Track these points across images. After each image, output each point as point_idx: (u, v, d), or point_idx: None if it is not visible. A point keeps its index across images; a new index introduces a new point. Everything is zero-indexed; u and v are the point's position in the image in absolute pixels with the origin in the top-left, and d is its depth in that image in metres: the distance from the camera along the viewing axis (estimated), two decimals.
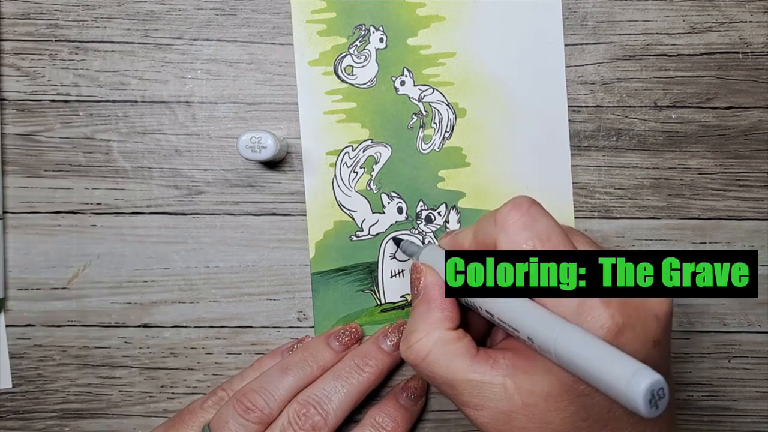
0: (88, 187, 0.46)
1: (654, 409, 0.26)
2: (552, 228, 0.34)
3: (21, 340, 0.46)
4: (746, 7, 0.46)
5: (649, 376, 0.26)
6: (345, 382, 0.42)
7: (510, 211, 0.34)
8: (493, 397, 0.33)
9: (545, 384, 0.32)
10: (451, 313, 0.36)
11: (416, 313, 0.37)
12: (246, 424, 0.40)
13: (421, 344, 0.35)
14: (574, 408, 0.32)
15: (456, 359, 0.34)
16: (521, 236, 0.33)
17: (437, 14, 0.46)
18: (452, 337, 0.35)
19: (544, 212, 0.34)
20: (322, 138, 0.46)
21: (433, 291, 0.37)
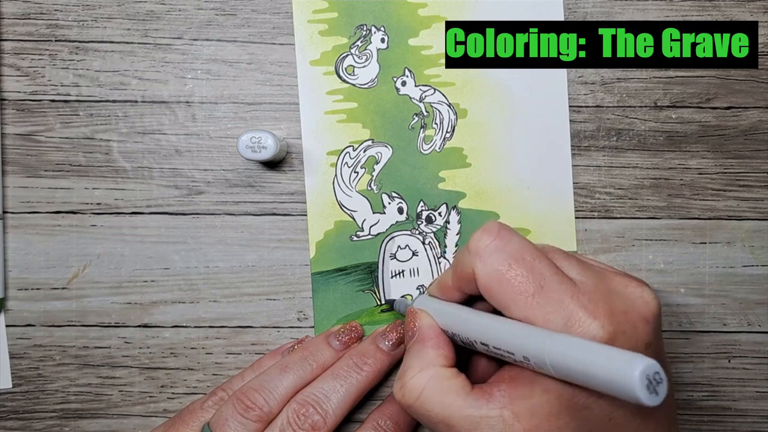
0: (88, 187, 0.46)
1: (654, 396, 0.26)
2: (524, 246, 0.34)
3: (21, 340, 0.46)
4: (746, 7, 0.46)
5: (642, 361, 0.26)
6: (344, 381, 0.42)
7: (481, 237, 0.34)
8: (492, 431, 0.33)
9: (545, 404, 0.32)
10: (446, 351, 0.36)
11: (410, 353, 0.37)
12: (246, 423, 0.40)
13: (415, 381, 0.35)
14: (576, 423, 0.32)
15: (451, 395, 0.34)
16: (495, 259, 0.33)
17: (438, 15, 0.46)
18: (447, 374, 0.35)
19: (514, 233, 0.35)
20: (323, 138, 0.46)
21: (427, 331, 0.37)
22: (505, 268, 0.33)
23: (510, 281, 0.33)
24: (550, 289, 0.32)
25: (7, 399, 0.46)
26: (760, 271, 0.46)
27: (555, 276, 0.33)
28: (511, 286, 0.33)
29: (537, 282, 0.32)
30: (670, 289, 0.46)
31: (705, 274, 0.46)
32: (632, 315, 0.32)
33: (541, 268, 0.33)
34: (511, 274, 0.33)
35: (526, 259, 0.33)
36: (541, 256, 0.34)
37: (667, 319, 0.46)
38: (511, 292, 0.33)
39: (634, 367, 0.26)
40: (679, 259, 0.46)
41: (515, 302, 0.32)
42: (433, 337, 0.37)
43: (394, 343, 0.44)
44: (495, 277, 0.33)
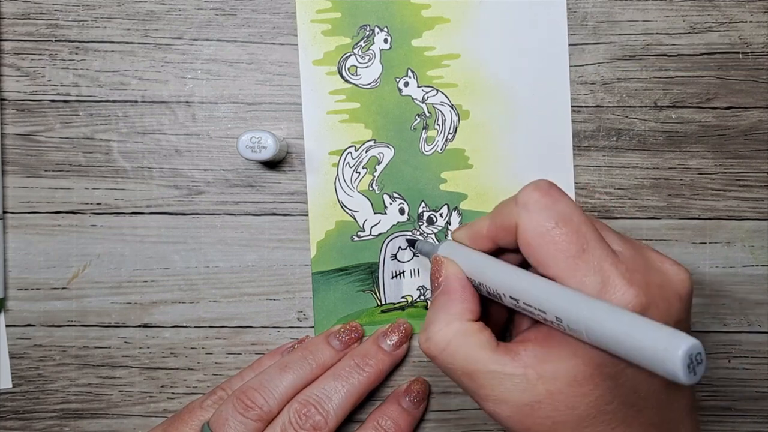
0: (88, 187, 0.46)
1: (692, 375, 0.26)
2: (573, 208, 0.34)
3: (21, 340, 0.46)
4: (746, 7, 0.46)
5: (686, 340, 0.26)
6: (345, 381, 0.41)
7: (532, 191, 0.34)
8: (515, 389, 0.32)
9: (570, 369, 0.32)
10: (472, 305, 0.36)
11: (436, 305, 0.37)
12: (245, 422, 0.40)
13: (441, 335, 0.35)
14: (599, 392, 0.31)
15: (476, 350, 0.34)
16: (542, 215, 0.33)
17: (442, 16, 0.46)
18: (473, 329, 0.35)
19: (564, 194, 0.34)
20: (325, 138, 0.46)
21: (453, 282, 0.37)
22: (551, 225, 0.33)
23: (553, 238, 0.33)
24: (591, 253, 0.32)
25: (7, 399, 0.46)
26: (760, 271, 0.46)
27: (598, 242, 0.33)
28: (554, 244, 0.32)
29: (580, 244, 0.32)
30: None
31: (705, 274, 0.46)
32: (667, 290, 0.33)
33: (586, 231, 0.33)
34: (555, 232, 0.33)
35: (573, 221, 0.33)
36: (588, 221, 0.33)
37: None
38: (553, 249, 0.32)
39: (678, 345, 0.26)
40: (679, 259, 0.46)
41: (555, 260, 0.32)
42: (459, 289, 0.37)
43: (395, 344, 0.44)
44: (539, 231, 0.33)
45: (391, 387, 0.46)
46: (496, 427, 0.46)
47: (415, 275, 0.46)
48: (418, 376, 0.46)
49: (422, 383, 0.45)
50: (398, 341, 0.44)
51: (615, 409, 0.32)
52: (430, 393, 0.46)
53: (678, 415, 0.34)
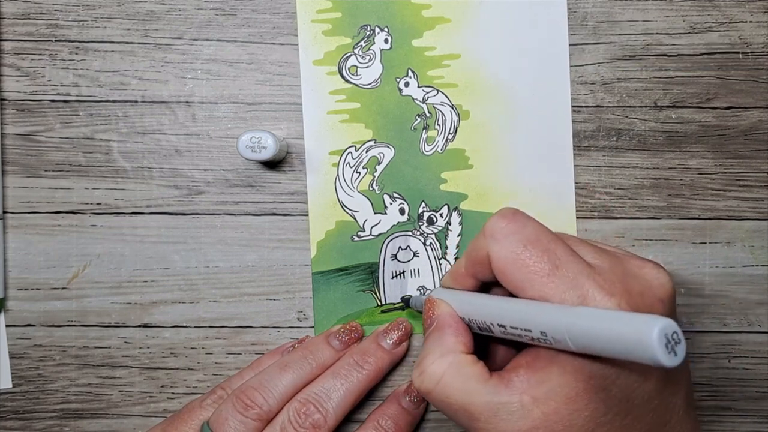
0: (88, 187, 0.46)
1: (672, 356, 0.26)
2: (539, 229, 0.34)
3: (21, 340, 0.46)
4: (746, 7, 0.46)
5: (659, 320, 0.26)
6: (344, 380, 0.42)
7: (496, 221, 0.34)
8: (510, 418, 0.32)
9: (563, 387, 0.32)
10: (465, 338, 0.36)
11: (429, 341, 0.37)
12: (245, 421, 0.40)
13: (435, 367, 0.35)
14: (594, 405, 0.32)
15: (471, 382, 0.34)
16: (510, 241, 0.33)
17: (443, 16, 0.46)
18: (466, 361, 0.35)
19: (529, 218, 0.35)
20: (325, 138, 0.46)
21: (446, 318, 0.37)
22: (520, 250, 0.33)
23: (525, 262, 0.33)
24: (565, 269, 0.32)
25: (7, 399, 0.46)
26: (760, 271, 0.46)
27: (570, 257, 0.33)
28: (525, 267, 0.33)
29: (552, 262, 0.32)
30: None
31: (705, 274, 0.46)
32: (648, 296, 0.33)
33: (556, 249, 0.33)
34: (525, 255, 0.33)
35: (541, 241, 0.33)
36: (556, 239, 0.34)
37: None
38: (526, 272, 0.33)
39: (652, 325, 0.26)
40: (679, 259, 0.46)
41: (530, 282, 0.32)
42: (453, 324, 0.37)
43: (395, 342, 0.44)
44: (510, 258, 0.33)
45: (390, 387, 0.46)
46: None
47: (415, 275, 0.46)
48: None
49: None
50: (398, 339, 0.44)
51: (611, 420, 0.32)
52: None
53: (675, 417, 0.34)
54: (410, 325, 0.45)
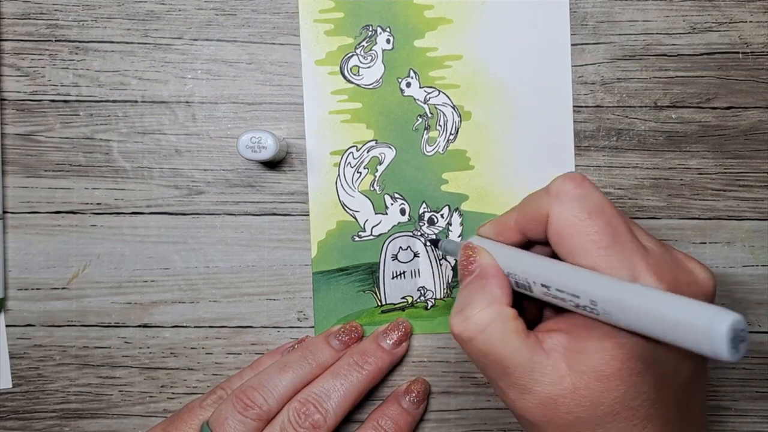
0: (88, 187, 0.46)
1: (735, 352, 0.25)
2: (605, 201, 0.33)
3: (21, 340, 0.46)
4: (746, 7, 0.46)
5: (730, 315, 0.25)
6: (344, 380, 0.42)
7: (564, 181, 0.34)
8: (542, 380, 0.32)
9: (598, 363, 0.31)
10: (509, 291, 0.36)
11: (471, 288, 0.36)
12: (245, 421, 0.40)
13: (480, 316, 0.34)
14: (625, 387, 0.31)
15: (513, 336, 0.33)
16: (575, 206, 0.33)
17: (445, 16, 0.46)
18: (511, 315, 0.34)
19: (596, 187, 0.34)
20: (326, 138, 0.46)
21: (489, 268, 0.36)
22: (584, 216, 0.33)
23: (585, 229, 0.32)
24: (622, 246, 0.32)
25: (7, 399, 0.46)
26: (760, 271, 0.46)
27: (629, 235, 0.32)
28: (585, 234, 0.32)
29: (612, 236, 0.32)
30: None
31: None
32: (694, 288, 0.33)
33: (618, 224, 0.33)
34: (588, 222, 0.32)
35: (605, 212, 0.33)
36: (619, 214, 0.33)
37: None
38: (585, 240, 0.32)
39: (725, 319, 0.25)
40: None
41: (586, 251, 0.32)
42: (498, 275, 0.36)
43: (395, 342, 0.44)
44: (571, 222, 0.33)
45: (390, 387, 0.46)
46: (496, 427, 0.46)
47: (415, 276, 0.46)
48: (418, 376, 0.46)
49: (422, 383, 0.45)
50: (398, 339, 0.44)
51: (639, 406, 0.32)
52: (430, 393, 0.46)
53: (693, 413, 0.34)
54: (410, 325, 0.45)
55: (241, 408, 0.40)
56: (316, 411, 0.40)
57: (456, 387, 0.46)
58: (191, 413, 0.42)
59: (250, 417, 0.40)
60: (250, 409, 0.40)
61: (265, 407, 0.40)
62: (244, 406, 0.40)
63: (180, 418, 0.42)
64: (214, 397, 0.43)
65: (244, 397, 0.40)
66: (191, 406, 0.43)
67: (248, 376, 0.43)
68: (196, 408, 0.42)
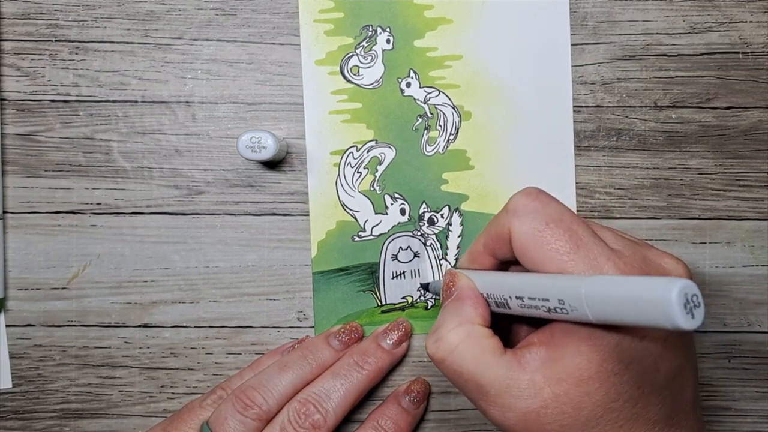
0: (88, 187, 0.46)
1: (690, 318, 0.25)
2: (563, 209, 0.34)
3: (21, 340, 0.46)
4: (746, 7, 0.46)
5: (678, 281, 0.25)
6: (344, 380, 0.42)
7: (520, 197, 0.35)
8: (521, 395, 0.33)
9: (575, 369, 0.32)
10: (483, 312, 0.36)
11: (447, 310, 0.37)
12: (245, 421, 0.40)
13: (451, 336, 0.35)
14: (605, 390, 0.32)
15: (486, 354, 0.34)
16: (533, 218, 0.34)
17: (445, 17, 0.46)
18: (483, 333, 0.35)
19: (552, 197, 0.35)
20: (326, 137, 0.46)
21: (466, 291, 0.37)
22: (542, 227, 0.33)
23: (546, 239, 0.33)
24: (586, 249, 0.32)
25: (7, 399, 0.46)
26: (760, 271, 0.46)
27: (592, 238, 0.33)
28: (547, 244, 0.33)
29: (574, 241, 0.32)
30: None
31: (705, 274, 0.46)
32: None
33: (578, 229, 0.33)
34: (547, 232, 0.33)
35: (564, 220, 0.33)
36: (579, 220, 0.34)
37: None
38: (547, 249, 0.33)
39: (672, 286, 0.25)
40: None
41: (550, 259, 0.33)
42: (473, 296, 0.37)
43: (395, 342, 0.44)
44: (531, 234, 0.33)
45: (390, 387, 0.46)
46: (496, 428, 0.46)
47: (415, 276, 0.46)
48: (418, 376, 0.46)
49: (422, 383, 0.45)
50: (398, 339, 0.44)
51: (621, 407, 0.32)
52: (430, 393, 0.46)
53: (681, 413, 0.34)
54: (410, 326, 0.45)
55: (241, 408, 0.40)
56: (316, 411, 0.40)
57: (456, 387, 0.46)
58: (191, 413, 0.42)
59: (250, 417, 0.40)
60: (250, 409, 0.40)
61: (264, 407, 0.40)
62: (244, 406, 0.40)
63: (180, 418, 0.42)
64: (214, 397, 0.43)
65: (244, 397, 0.40)
66: (191, 406, 0.43)
67: (248, 376, 0.43)
68: (195, 408, 0.42)
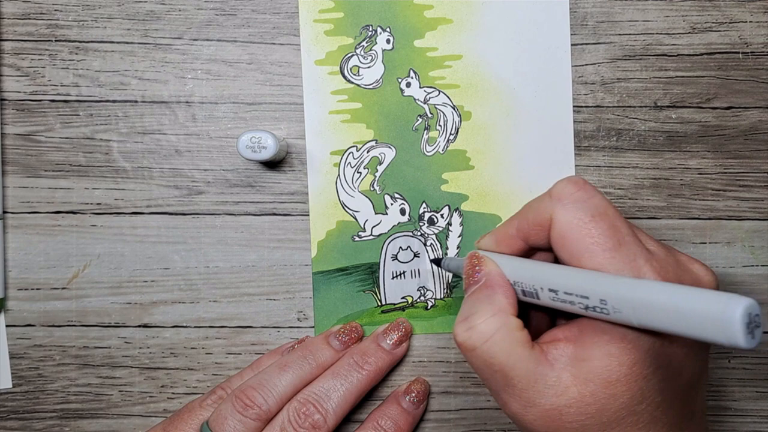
0: (88, 187, 0.46)
1: (750, 338, 0.25)
2: (608, 203, 0.33)
3: (21, 340, 0.46)
4: (746, 7, 0.46)
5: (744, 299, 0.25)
6: (344, 380, 0.41)
7: (566, 185, 0.34)
8: (547, 392, 0.32)
9: (604, 370, 0.31)
10: (515, 302, 0.35)
11: (477, 298, 0.36)
12: (244, 421, 0.40)
13: (485, 325, 0.34)
14: (631, 393, 0.31)
15: (517, 347, 0.33)
16: (578, 208, 0.33)
17: (444, 17, 0.46)
18: (517, 325, 0.34)
19: (598, 190, 0.34)
20: (326, 137, 0.46)
21: (495, 278, 0.36)
22: (588, 219, 0.33)
23: (590, 231, 0.32)
24: (626, 248, 0.32)
25: (7, 399, 0.46)
26: (760, 271, 0.46)
27: (632, 237, 0.32)
28: (590, 237, 0.32)
29: (616, 238, 0.32)
30: None
31: None
32: None
33: (621, 227, 0.33)
34: (592, 225, 0.32)
35: (608, 215, 0.33)
36: (621, 217, 0.33)
37: None
38: (589, 242, 0.32)
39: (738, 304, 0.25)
40: None
41: (590, 253, 0.32)
42: (503, 284, 0.36)
43: (395, 342, 0.44)
44: (575, 224, 0.33)
45: (390, 387, 0.46)
46: (496, 427, 0.46)
47: (415, 276, 0.46)
48: (418, 376, 0.46)
49: (422, 383, 0.45)
50: (397, 339, 0.44)
51: (643, 410, 0.32)
52: (429, 393, 0.46)
53: (695, 413, 0.34)
54: (410, 326, 0.45)
55: (241, 408, 0.40)
56: (316, 411, 0.40)
57: (456, 387, 0.46)
58: (191, 413, 0.42)
59: (250, 417, 0.40)
60: (250, 409, 0.40)
61: (264, 407, 0.40)
62: (244, 405, 0.40)
63: (180, 417, 0.42)
64: (214, 397, 0.43)
65: (244, 397, 0.40)
66: (191, 406, 0.43)
67: (248, 376, 0.43)
68: (196, 408, 0.42)
